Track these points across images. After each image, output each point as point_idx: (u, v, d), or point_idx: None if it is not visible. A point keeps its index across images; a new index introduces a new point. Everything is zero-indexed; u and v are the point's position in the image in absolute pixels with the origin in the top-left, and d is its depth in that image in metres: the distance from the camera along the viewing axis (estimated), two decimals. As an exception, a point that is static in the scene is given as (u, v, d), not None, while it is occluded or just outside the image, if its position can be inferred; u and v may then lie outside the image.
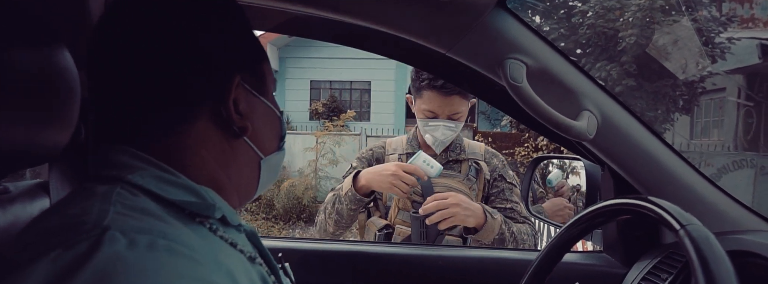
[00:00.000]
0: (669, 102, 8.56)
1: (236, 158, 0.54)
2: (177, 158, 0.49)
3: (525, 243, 1.35)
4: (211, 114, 0.51)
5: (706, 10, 8.57)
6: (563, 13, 9.04)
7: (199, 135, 0.51)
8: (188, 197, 0.47)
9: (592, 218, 0.70)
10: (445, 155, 1.45)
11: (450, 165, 1.44)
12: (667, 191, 0.86)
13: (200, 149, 0.51)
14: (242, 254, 0.50)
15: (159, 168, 0.48)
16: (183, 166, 0.50)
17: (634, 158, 0.85)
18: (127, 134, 0.50)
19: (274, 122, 0.59)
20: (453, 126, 1.39)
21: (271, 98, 0.59)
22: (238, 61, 0.54)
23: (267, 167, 0.58)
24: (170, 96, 0.49)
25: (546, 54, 0.76)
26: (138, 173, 0.46)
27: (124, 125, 0.50)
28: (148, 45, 0.49)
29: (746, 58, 8.64)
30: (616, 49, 8.14)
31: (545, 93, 0.75)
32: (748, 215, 0.86)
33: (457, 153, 1.46)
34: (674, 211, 0.55)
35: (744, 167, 7.80)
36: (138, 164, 0.47)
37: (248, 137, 0.54)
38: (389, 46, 0.90)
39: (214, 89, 0.51)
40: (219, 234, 0.48)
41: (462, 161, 1.45)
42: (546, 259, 0.74)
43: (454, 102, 1.36)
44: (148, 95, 0.49)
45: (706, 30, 8.19)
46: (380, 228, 1.38)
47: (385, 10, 0.72)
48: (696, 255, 0.48)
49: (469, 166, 1.44)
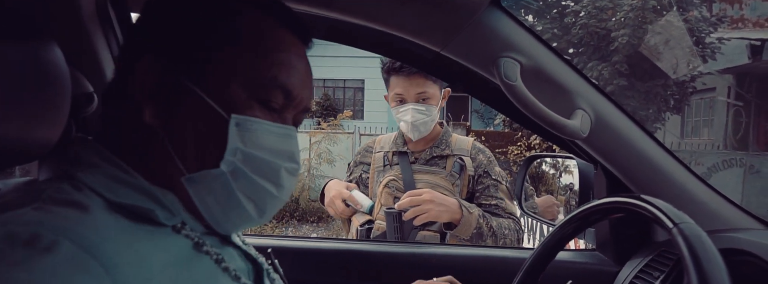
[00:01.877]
0: (660, 101, 8.63)
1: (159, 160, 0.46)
2: (133, 155, 0.46)
3: (506, 238, 1.36)
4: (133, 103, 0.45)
5: (696, 11, 8.64)
6: (556, 12, 9.08)
7: (144, 130, 0.46)
8: (139, 199, 0.44)
9: (585, 216, 0.70)
10: (429, 151, 1.46)
11: (435, 161, 1.45)
12: (659, 190, 0.86)
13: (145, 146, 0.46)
14: (208, 255, 0.46)
15: (116, 166, 0.44)
16: (138, 163, 0.45)
17: (627, 157, 0.86)
18: (100, 128, 0.48)
19: (213, 126, 0.45)
20: (424, 109, 1.40)
21: (222, 94, 0.45)
22: (156, 42, 0.46)
23: (202, 188, 0.45)
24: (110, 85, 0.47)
25: (540, 53, 0.76)
26: (90, 171, 0.44)
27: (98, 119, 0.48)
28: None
29: (736, 58, 8.73)
30: (609, 49, 8.20)
31: (539, 92, 0.75)
32: (740, 213, 0.87)
33: (442, 149, 1.46)
34: (667, 209, 0.55)
35: (734, 166, 7.88)
36: (96, 160, 0.45)
37: (168, 138, 0.45)
38: (383, 44, 0.90)
39: (131, 70, 0.45)
40: (183, 233, 0.45)
41: (447, 156, 1.45)
42: (539, 257, 0.74)
43: (418, 82, 1.38)
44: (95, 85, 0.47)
45: (697, 30, 8.26)
46: (362, 223, 1.41)
47: (380, 8, 0.72)
48: (689, 253, 0.48)
49: (454, 162, 1.45)
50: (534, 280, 0.74)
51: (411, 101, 1.40)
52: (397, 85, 1.41)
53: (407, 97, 1.40)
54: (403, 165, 1.45)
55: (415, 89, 1.39)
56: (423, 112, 1.40)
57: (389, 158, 1.50)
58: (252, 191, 0.46)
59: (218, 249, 0.48)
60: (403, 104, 1.41)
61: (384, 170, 1.49)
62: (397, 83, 1.40)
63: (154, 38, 0.46)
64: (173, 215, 0.45)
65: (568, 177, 1.21)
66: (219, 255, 0.47)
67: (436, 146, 1.47)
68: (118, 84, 0.47)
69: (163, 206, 0.45)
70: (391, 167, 1.48)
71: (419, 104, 1.40)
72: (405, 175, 1.42)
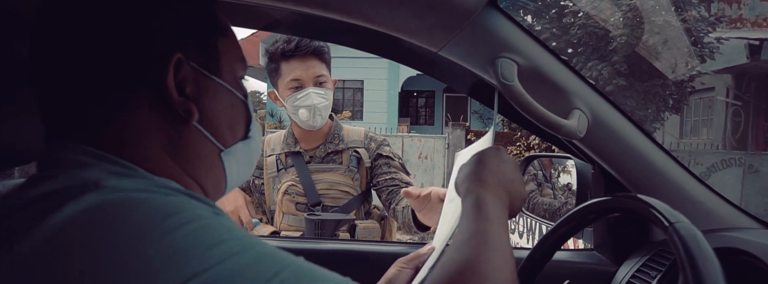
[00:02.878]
0: (659, 101, 8.64)
1: (188, 147, 0.48)
2: (124, 151, 0.45)
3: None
4: (152, 99, 0.46)
5: (695, 11, 8.65)
6: (554, 12, 9.08)
7: (142, 124, 0.46)
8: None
9: (583, 216, 0.71)
10: (324, 147, 1.41)
11: (331, 157, 1.41)
12: (656, 189, 0.86)
13: (145, 140, 0.46)
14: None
15: (112, 163, 0.44)
16: (131, 159, 0.45)
17: (623, 157, 0.86)
18: (70, 128, 0.46)
19: (236, 106, 0.52)
20: (323, 93, 1.34)
21: (231, 79, 0.52)
22: (179, 38, 0.47)
23: (233, 159, 0.52)
24: (101, 82, 0.45)
25: (537, 53, 0.77)
26: (88, 169, 0.42)
27: (64, 117, 0.46)
28: (72, 28, 0.45)
29: (735, 58, 8.75)
30: (608, 49, 8.20)
31: (536, 92, 0.76)
32: (736, 213, 0.87)
33: (336, 144, 1.42)
34: (663, 209, 0.55)
35: (733, 166, 7.90)
36: (86, 159, 0.43)
37: (200, 124, 0.48)
38: (381, 44, 0.90)
39: (150, 70, 0.45)
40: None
41: (342, 151, 1.41)
42: (537, 257, 0.75)
43: (314, 64, 1.33)
44: (79, 82, 0.45)
45: (696, 30, 8.27)
46: (265, 236, 1.31)
47: (377, 9, 0.72)
48: (683, 252, 0.48)
49: (350, 156, 1.41)
50: (532, 280, 0.75)
51: (309, 86, 1.32)
52: (292, 70, 1.32)
53: (305, 81, 1.32)
54: (299, 167, 1.37)
55: (313, 70, 1.32)
56: (323, 96, 1.34)
57: (282, 160, 1.41)
58: (256, 149, 0.56)
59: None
60: (300, 90, 1.33)
61: (279, 175, 1.40)
62: (293, 68, 1.32)
63: (177, 33, 0.48)
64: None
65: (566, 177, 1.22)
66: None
67: (329, 141, 1.42)
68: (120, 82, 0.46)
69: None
70: (286, 170, 1.40)
71: (318, 88, 1.33)
72: (302, 177, 1.36)
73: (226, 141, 0.51)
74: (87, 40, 0.44)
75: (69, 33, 0.45)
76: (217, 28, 0.52)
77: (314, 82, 1.34)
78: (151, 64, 0.46)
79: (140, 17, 0.45)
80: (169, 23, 0.47)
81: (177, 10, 0.48)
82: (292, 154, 1.40)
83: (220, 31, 0.52)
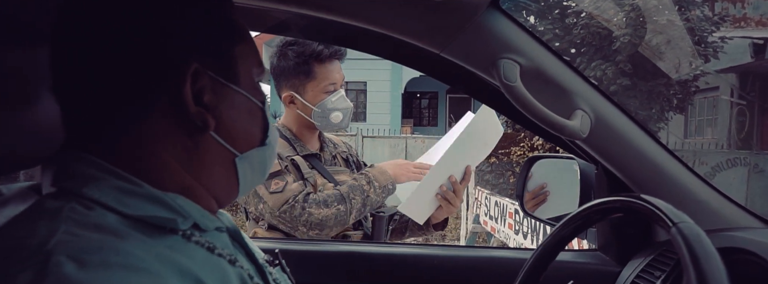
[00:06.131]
0: (663, 101, 8.61)
1: (204, 156, 0.48)
2: (136, 163, 0.45)
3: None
4: (168, 109, 0.45)
5: (698, 10, 8.62)
6: (557, 13, 9.07)
7: (156, 134, 0.45)
8: (152, 208, 0.43)
9: (586, 216, 0.71)
10: (328, 150, 1.40)
11: (335, 159, 1.40)
12: (660, 189, 0.86)
13: (160, 151, 0.46)
14: (222, 257, 0.46)
15: (118, 177, 0.43)
16: (144, 170, 0.45)
17: (627, 157, 0.86)
18: (81, 138, 0.46)
19: (254, 113, 0.52)
20: (346, 96, 1.36)
21: (249, 85, 0.52)
22: (197, 47, 0.47)
23: (247, 164, 0.51)
24: (118, 92, 0.44)
25: (539, 54, 0.77)
26: (94, 185, 0.42)
27: (76, 127, 0.46)
28: (86, 35, 0.44)
29: (739, 57, 8.72)
30: (611, 49, 8.18)
31: (539, 93, 0.76)
32: (740, 212, 0.87)
33: (334, 147, 1.42)
34: (666, 209, 0.55)
35: (737, 166, 7.86)
36: (95, 173, 0.43)
37: (216, 132, 0.48)
38: (384, 46, 0.91)
39: (167, 81, 0.45)
40: (194, 240, 0.45)
41: (337, 153, 1.42)
42: (540, 258, 0.75)
43: (341, 68, 1.33)
44: (96, 93, 0.44)
45: (699, 29, 8.24)
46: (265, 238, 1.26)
47: (379, 11, 0.72)
48: (687, 252, 0.48)
49: (344, 158, 1.42)
50: (535, 280, 0.74)
51: (339, 89, 1.32)
52: (330, 73, 1.29)
53: (339, 84, 1.31)
54: (321, 169, 1.32)
55: (342, 74, 1.32)
56: (348, 99, 1.36)
57: (303, 164, 1.30)
58: (272, 156, 0.56)
59: (229, 250, 0.48)
60: (334, 93, 1.31)
61: (307, 178, 1.29)
62: (331, 71, 1.29)
63: (193, 41, 0.47)
64: (185, 218, 0.45)
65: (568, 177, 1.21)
66: (231, 256, 0.48)
67: (325, 144, 1.41)
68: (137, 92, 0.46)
69: (175, 211, 0.45)
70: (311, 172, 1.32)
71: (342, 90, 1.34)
72: (330, 179, 1.30)
73: (241, 148, 0.50)
74: (104, 51, 0.44)
75: (86, 44, 0.44)
76: (234, 34, 0.51)
77: (341, 84, 1.35)
78: (168, 75, 0.45)
79: (157, 27, 0.45)
80: (186, 33, 0.46)
81: (194, 19, 0.47)
82: (310, 156, 1.34)
83: (238, 36, 0.51)
